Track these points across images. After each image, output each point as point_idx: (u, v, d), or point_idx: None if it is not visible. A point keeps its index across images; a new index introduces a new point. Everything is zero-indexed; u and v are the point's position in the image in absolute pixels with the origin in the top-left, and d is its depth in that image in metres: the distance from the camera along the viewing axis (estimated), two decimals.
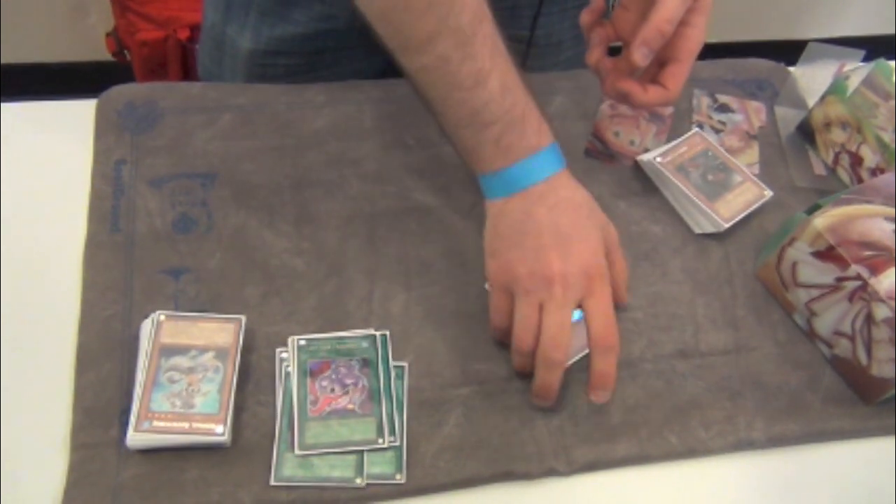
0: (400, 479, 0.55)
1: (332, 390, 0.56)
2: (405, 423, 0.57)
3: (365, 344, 0.59)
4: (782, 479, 0.59)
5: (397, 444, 0.55)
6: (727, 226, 0.67)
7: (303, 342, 0.58)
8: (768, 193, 0.70)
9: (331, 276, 0.63)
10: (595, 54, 0.64)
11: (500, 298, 0.58)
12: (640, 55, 0.60)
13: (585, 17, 0.64)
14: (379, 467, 0.55)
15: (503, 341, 0.60)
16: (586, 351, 0.57)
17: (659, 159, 0.70)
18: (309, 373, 0.57)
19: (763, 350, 0.64)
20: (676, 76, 0.62)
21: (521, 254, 0.56)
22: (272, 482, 0.54)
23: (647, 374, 0.61)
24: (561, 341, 0.55)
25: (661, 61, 0.62)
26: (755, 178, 0.70)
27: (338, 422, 0.55)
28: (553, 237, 0.56)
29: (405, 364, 0.59)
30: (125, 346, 0.58)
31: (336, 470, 0.54)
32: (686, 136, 0.72)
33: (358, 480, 0.54)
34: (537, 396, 0.57)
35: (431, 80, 0.56)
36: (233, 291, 0.61)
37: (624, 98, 0.63)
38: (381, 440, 0.55)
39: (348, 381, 0.57)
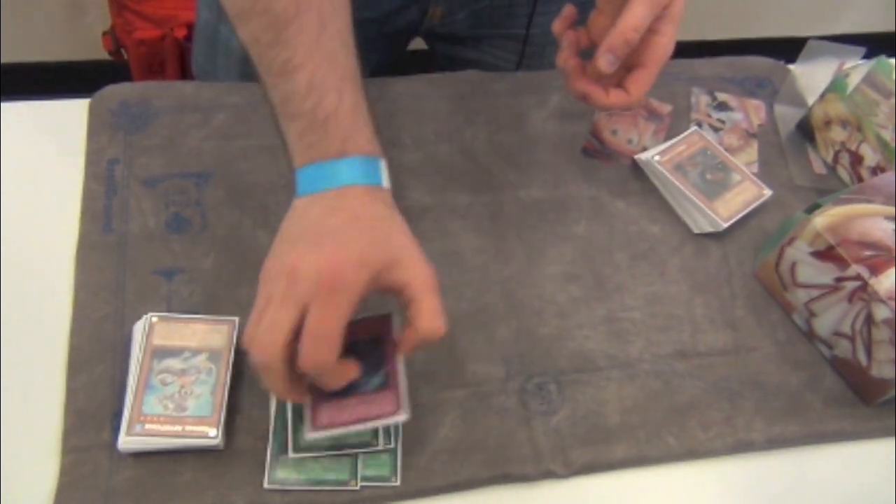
0: (395, 482, 0.54)
1: None
2: (400, 426, 0.56)
3: None
4: (782, 481, 0.58)
5: (392, 446, 0.55)
6: (726, 225, 0.67)
7: None
8: (767, 193, 0.69)
9: None
10: (563, 56, 0.63)
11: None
12: (604, 62, 0.58)
13: (557, 26, 0.63)
14: (373, 470, 0.54)
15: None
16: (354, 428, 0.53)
17: (657, 158, 0.69)
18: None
19: (762, 350, 0.63)
20: (640, 82, 0.60)
21: (279, 248, 0.52)
22: (266, 485, 0.53)
23: (645, 375, 0.61)
24: (269, 341, 0.48)
25: (628, 66, 0.61)
26: (754, 178, 0.70)
27: None
28: (311, 234, 0.51)
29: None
30: (118, 348, 0.57)
31: (330, 473, 0.54)
32: (684, 134, 0.72)
33: (352, 483, 0.53)
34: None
35: (250, 55, 0.55)
36: (227, 292, 0.61)
37: (585, 99, 0.62)
38: (376, 442, 0.54)
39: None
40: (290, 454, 0.54)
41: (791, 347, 0.64)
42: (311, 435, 0.52)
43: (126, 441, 0.52)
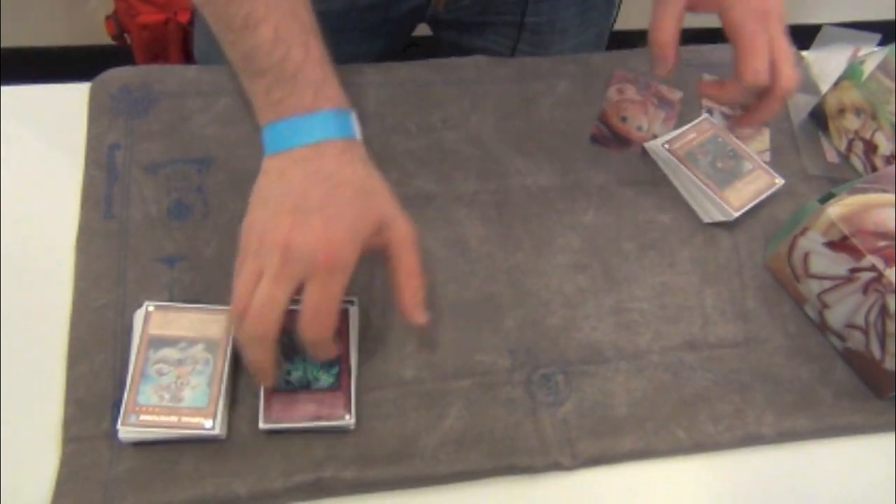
0: (350, 420, 0.54)
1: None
2: (354, 367, 0.56)
3: None
4: (792, 475, 0.57)
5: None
6: (736, 215, 0.65)
7: None
8: (779, 181, 0.68)
9: None
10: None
11: (239, 260, 0.52)
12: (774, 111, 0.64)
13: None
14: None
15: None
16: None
17: (667, 146, 0.68)
18: None
19: (773, 342, 0.62)
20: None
21: (261, 214, 0.52)
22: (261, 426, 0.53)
23: (654, 367, 0.60)
24: (266, 316, 0.49)
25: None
26: (766, 166, 0.68)
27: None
28: (296, 205, 0.50)
29: (354, 299, 0.58)
30: (118, 337, 0.57)
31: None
32: (695, 121, 0.70)
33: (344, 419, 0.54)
34: (253, 374, 0.53)
35: (207, 14, 0.54)
36: (229, 280, 0.59)
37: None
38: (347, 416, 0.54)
39: None
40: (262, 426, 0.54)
41: (802, 340, 0.63)
42: (262, 427, 0.53)
43: (124, 431, 0.52)
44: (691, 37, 0.75)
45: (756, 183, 0.67)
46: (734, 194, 0.66)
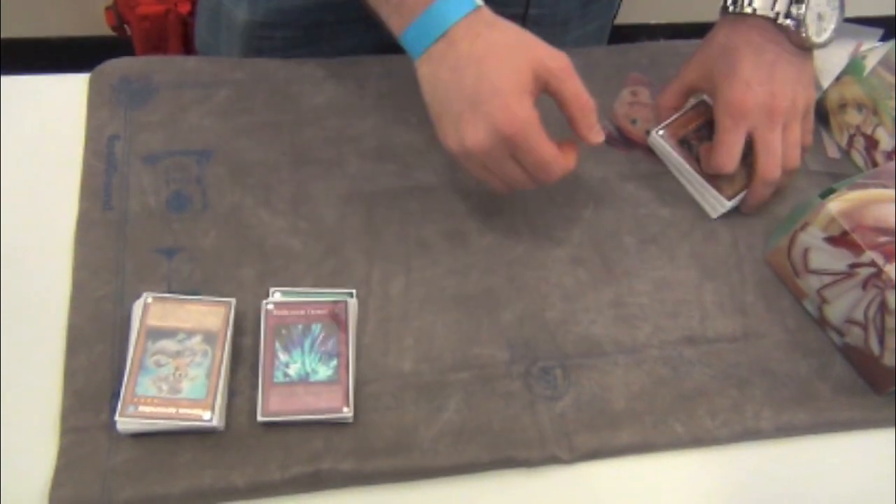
0: (348, 412, 0.54)
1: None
2: (352, 360, 0.56)
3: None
4: (790, 470, 0.57)
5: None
6: (730, 204, 0.65)
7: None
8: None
9: (328, 256, 0.62)
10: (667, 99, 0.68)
11: (468, 166, 0.58)
12: (754, 206, 0.66)
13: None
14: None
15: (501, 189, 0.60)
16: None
17: (661, 132, 0.67)
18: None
19: (772, 337, 0.62)
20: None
21: (445, 125, 0.55)
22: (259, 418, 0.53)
23: (652, 361, 0.60)
24: (517, 183, 0.57)
25: None
26: None
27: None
28: (461, 102, 0.54)
29: (353, 291, 0.59)
30: (117, 328, 0.56)
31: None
32: (691, 103, 0.69)
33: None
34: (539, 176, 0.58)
35: None
36: (228, 272, 0.60)
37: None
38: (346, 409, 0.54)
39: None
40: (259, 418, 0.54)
41: (801, 335, 0.62)
42: (260, 420, 0.53)
43: (122, 422, 0.52)
44: (693, 32, 0.75)
45: (749, 168, 0.65)
46: (727, 182, 0.65)
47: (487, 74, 0.53)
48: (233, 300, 0.56)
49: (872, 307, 0.58)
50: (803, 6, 0.62)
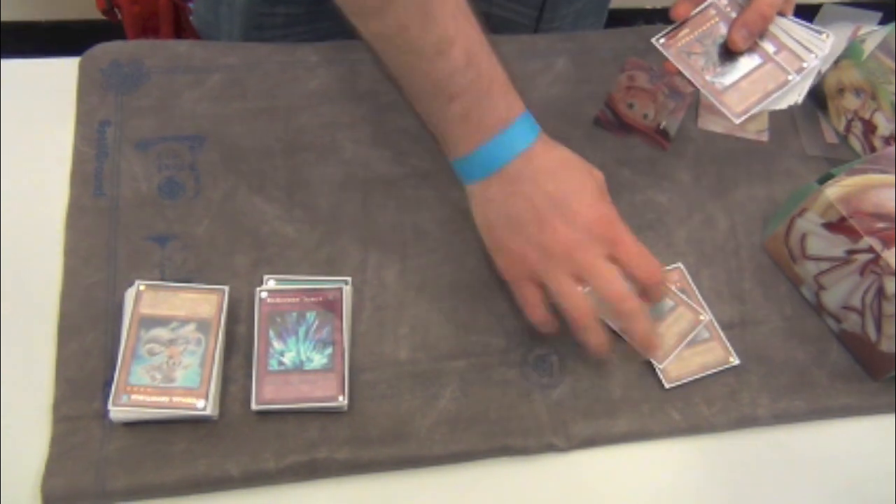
0: (343, 401, 0.54)
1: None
2: (347, 348, 0.56)
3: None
4: (787, 457, 0.57)
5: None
6: (738, 122, 0.58)
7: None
8: (792, 77, 0.58)
9: (323, 243, 0.61)
10: (682, 8, 0.60)
11: (527, 291, 0.55)
12: (740, 37, 0.58)
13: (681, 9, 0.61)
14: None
15: (550, 331, 0.56)
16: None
17: (662, 41, 0.60)
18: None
19: (769, 324, 0.62)
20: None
21: (525, 237, 0.53)
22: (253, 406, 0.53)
23: None
24: (622, 292, 0.52)
25: None
26: (778, 59, 0.59)
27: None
28: (549, 208, 0.53)
29: (348, 279, 0.58)
30: (109, 316, 0.56)
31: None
32: (700, 8, 0.60)
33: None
34: (646, 349, 0.56)
35: (390, 49, 0.52)
36: (221, 259, 0.59)
37: None
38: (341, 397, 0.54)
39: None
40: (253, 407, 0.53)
41: (798, 321, 0.62)
42: (255, 408, 0.53)
43: (115, 411, 0.51)
44: None
45: (764, 81, 0.59)
46: (736, 95, 0.58)
47: (567, 181, 0.54)
48: (226, 288, 0.56)
49: (870, 293, 0.58)
50: None
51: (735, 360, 0.59)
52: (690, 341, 0.60)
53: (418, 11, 0.49)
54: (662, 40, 0.60)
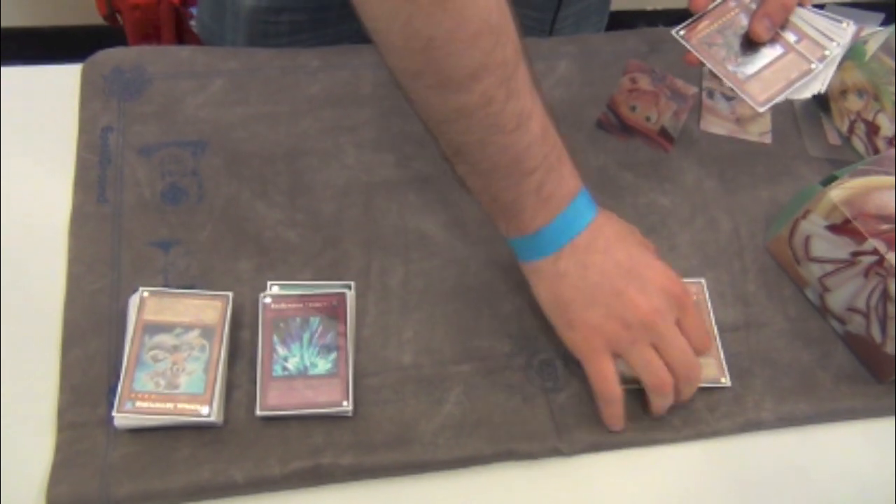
0: (347, 406, 0.54)
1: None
2: (352, 353, 0.56)
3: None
4: (792, 460, 0.57)
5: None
6: (762, 110, 0.58)
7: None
8: (816, 66, 0.58)
9: (326, 248, 0.61)
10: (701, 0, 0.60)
11: (602, 365, 0.54)
12: (762, 27, 0.58)
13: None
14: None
15: (619, 418, 0.55)
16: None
17: (682, 32, 0.60)
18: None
19: (773, 326, 0.62)
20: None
21: (602, 310, 0.53)
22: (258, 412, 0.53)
23: None
24: (692, 361, 0.54)
25: None
26: (799, 48, 0.60)
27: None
28: (623, 278, 0.53)
29: (351, 283, 0.58)
30: (113, 322, 0.56)
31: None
32: (717, 2, 0.60)
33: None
34: (668, 408, 0.56)
35: (470, 124, 0.49)
36: (225, 265, 0.59)
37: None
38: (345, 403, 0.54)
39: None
40: (258, 412, 0.53)
41: (803, 323, 0.62)
42: (259, 414, 0.53)
43: (119, 418, 0.51)
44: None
45: (787, 70, 0.58)
46: (759, 85, 0.58)
47: (634, 248, 0.55)
48: (230, 294, 0.56)
49: (874, 295, 0.58)
50: None
51: (727, 382, 0.58)
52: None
53: (503, 83, 0.48)
54: (683, 32, 0.60)
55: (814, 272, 0.62)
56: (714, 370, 0.58)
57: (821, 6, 0.75)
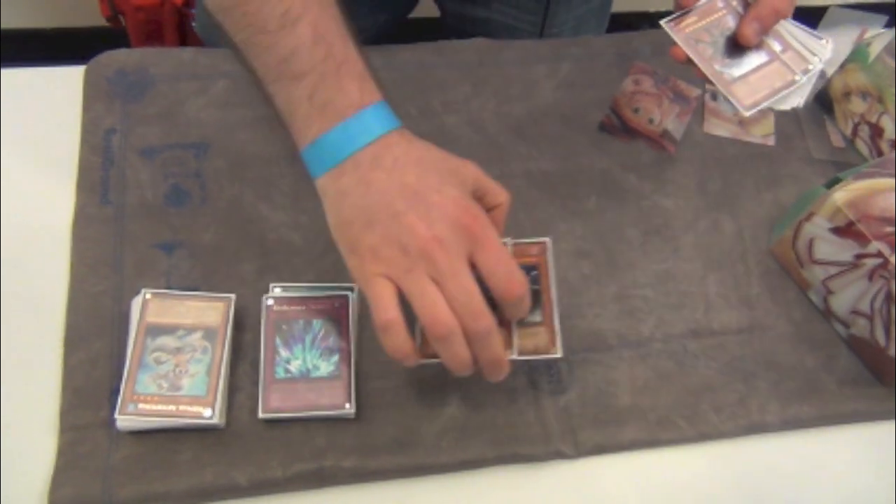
0: (350, 409, 0.53)
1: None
2: (354, 355, 0.55)
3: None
4: (796, 463, 0.57)
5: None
6: (748, 114, 0.57)
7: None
8: (799, 78, 0.58)
9: (329, 251, 0.60)
10: None
11: (377, 289, 0.48)
12: (751, 31, 0.56)
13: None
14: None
15: (400, 348, 0.49)
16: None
17: (671, 24, 0.59)
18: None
19: (777, 329, 0.62)
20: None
21: (379, 232, 0.48)
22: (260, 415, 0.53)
23: (657, 355, 0.59)
24: (476, 307, 0.47)
25: None
26: (784, 59, 0.59)
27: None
28: (405, 199, 0.47)
29: (354, 286, 0.58)
30: (116, 324, 0.56)
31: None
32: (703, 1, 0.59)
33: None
34: (491, 374, 0.50)
35: (233, 21, 0.50)
36: (228, 267, 0.59)
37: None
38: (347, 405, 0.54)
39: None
40: (260, 415, 0.53)
41: (807, 326, 0.62)
42: (261, 416, 0.53)
43: (122, 420, 0.51)
44: None
45: (772, 78, 0.58)
46: (745, 89, 0.57)
47: (431, 172, 0.49)
48: (233, 296, 0.56)
49: (878, 298, 0.58)
50: None
51: (557, 352, 0.52)
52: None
53: None
54: (671, 24, 0.59)
55: (817, 275, 0.61)
56: (543, 339, 0.52)
57: (823, 9, 0.75)
